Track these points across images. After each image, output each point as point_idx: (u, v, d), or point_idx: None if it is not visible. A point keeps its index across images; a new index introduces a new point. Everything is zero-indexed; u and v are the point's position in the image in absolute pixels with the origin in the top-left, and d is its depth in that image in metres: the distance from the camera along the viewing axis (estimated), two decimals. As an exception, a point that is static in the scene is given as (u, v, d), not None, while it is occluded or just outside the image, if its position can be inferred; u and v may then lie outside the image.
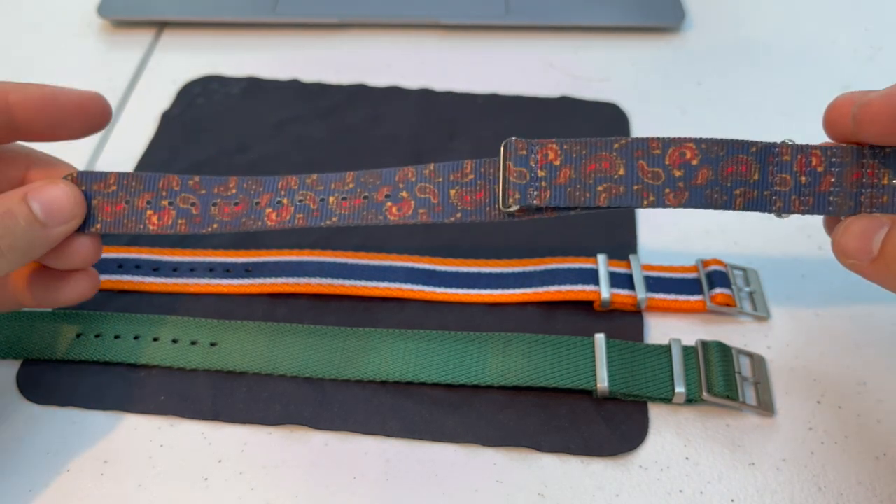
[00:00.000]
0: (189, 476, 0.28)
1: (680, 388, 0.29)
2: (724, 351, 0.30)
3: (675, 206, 0.26)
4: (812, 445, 0.29)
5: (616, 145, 0.26)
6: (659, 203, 0.26)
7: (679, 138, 0.26)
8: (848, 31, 0.48)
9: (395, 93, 0.43)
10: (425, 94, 0.43)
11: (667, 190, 0.26)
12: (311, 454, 0.29)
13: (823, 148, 0.26)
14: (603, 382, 0.29)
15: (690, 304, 0.33)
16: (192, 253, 0.35)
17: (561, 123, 0.42)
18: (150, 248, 0.35)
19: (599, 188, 0.26)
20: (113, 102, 0.43)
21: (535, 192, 0.26)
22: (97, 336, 0.31)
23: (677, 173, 0.26)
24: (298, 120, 0.42)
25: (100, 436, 0.29)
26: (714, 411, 0.30)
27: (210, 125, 0.42)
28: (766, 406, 0.30)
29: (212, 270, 0.34)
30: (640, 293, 0.33)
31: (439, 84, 0.44)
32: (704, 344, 0.31)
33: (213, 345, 0.31)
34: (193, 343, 0.31)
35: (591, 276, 0.33)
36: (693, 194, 0.26)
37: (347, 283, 0.33)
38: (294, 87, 0.44)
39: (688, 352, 0.31)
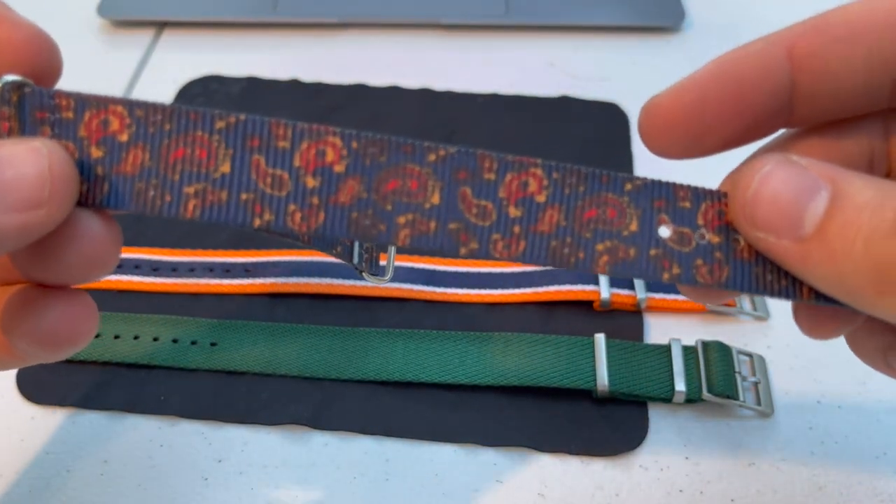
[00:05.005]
0: (189, 476, 0.28)
1: (680, 387, 0.29)
2: (724, 351, 0.30)
3: (506, 257, 0.18)
4: (812, 445, 0.29)
5: (431, 156, 0.18)
6: (482, 253, 0.18)
7: (522, 159, 0.18)
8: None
9: (395, 93, 0.43)
10: (425, 94, 0.43)
11: (495, 235, 0.18)
12: (311, 454, 0.29)
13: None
14: (603, 382, 0.29)
15: (690, 304, 0.33)
16: (192, 253, 0.35)
17: (561, 123, 0.42)
18: (149, 248, 0.35)
19: (400, 219, 0.18)
20: (113, 102, 0.43)
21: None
22: (97, 336, 0.31)
23: (513, 212, 0.18)
24: (298, 120, 0.42)
25: (100, 436, 0.29)
26: (714, 411, 0.30)
27: (210, 125, 0.42)
28: (765, 406, 0.30)
29: (211, 270, 0.34)
30: (640, 293, 0.33)
31: (439, 84, 0.44)
32: (704, 344, 0.31)
33: (213, 345, 0.31)
34: (193, 343, 0.31)
35: (591, 276, 0.33)
36: (530, 242, 0.18)
37: (347, 283, 0.33)
38: (294, 87, 0.44)
39: (688, 351, 0.31)
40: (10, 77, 0.17)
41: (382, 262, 0.28)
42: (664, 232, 0.18)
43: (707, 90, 0.19)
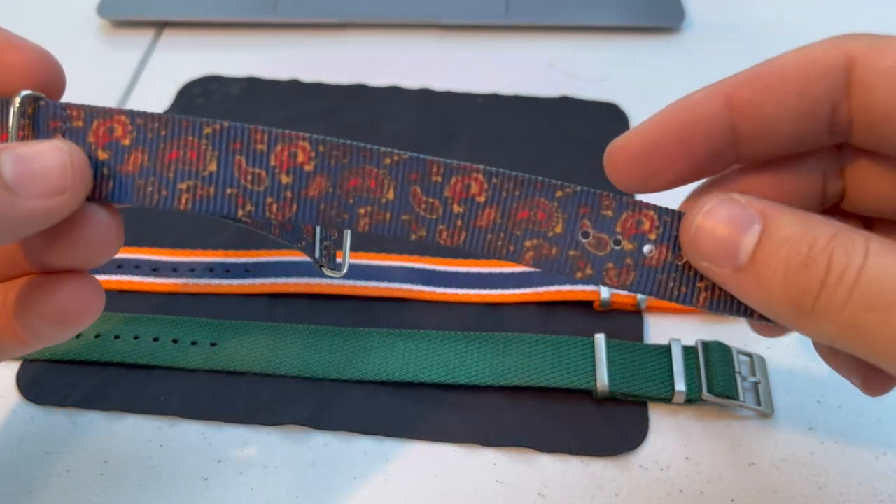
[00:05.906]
0: (189, 476, 0.28)
1: (680, 387, 0.29)
2: (724, 351, 0.30)
3: (449, 245, 0.21)
4: (812, 445, 0.29)
5: (387, 160, 0.20)
6: (430, 240, 0.21)
7: (467, 165, 0.20)
8: (849, 31, 0.48)
9: (395, 93, 0.43)
10: (425, 94, 0.43)
11: (441, 227, 0.21)
12: (311, 454, 0.29)
13: (659, 209, 0.21)
14: (603, 382, 0.29)
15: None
16: (192, 253, 0.35)
17: (561, 123, 0.42)
18: (149, 248, 0.35)
19: (360, 210, 0.20)
20: (113, 102, 0.43)
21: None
22: (97, 336, 0.31)
23: (457, 209, 0.21)
24: (298, 120, 0.42)
25: (100, 436, 0.29)
26: (714, 411, 0.30)
27: (210, 125, 0.41)
28: (765, 406, 0.30)
29: (211, 270, 0.34)
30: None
31: (439, 84, 0.44)
32: (704, 344, 0.31)
33: (213, 345, 0.31)
34: (193, 343, 0.31)
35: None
36: (470, 234, 0.21)
37: (347, 283, 0.33)
38: (294, 87, 0.44)
39: (688, 352, 0.31)
40: (27, 92, 0.20)
41: (339, 260, 0.29)
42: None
43: (653, 136, 0.21)
